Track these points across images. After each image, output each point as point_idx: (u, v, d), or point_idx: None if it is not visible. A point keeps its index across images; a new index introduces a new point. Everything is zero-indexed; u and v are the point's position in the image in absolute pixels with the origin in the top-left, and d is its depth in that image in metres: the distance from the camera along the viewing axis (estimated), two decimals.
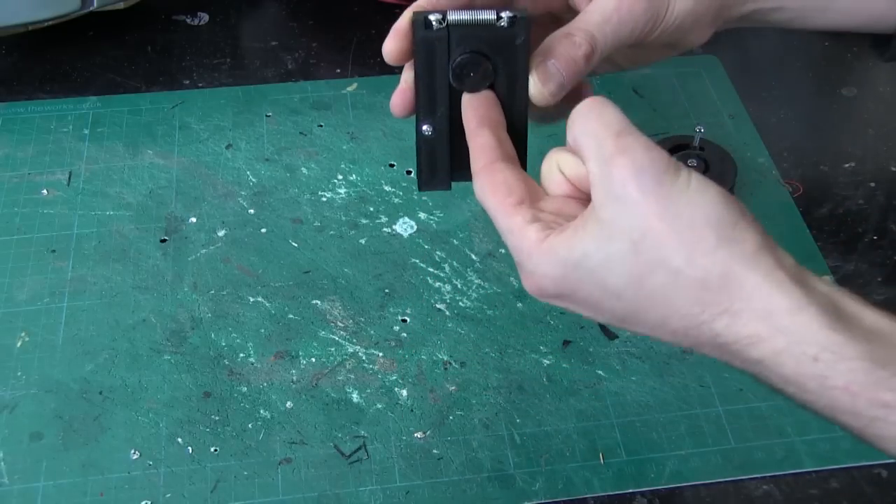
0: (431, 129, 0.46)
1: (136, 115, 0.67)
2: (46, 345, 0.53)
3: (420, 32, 0.44)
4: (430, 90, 0.45)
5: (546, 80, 0.45)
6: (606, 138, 0.38)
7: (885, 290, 0.56)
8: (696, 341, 0.36)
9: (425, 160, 0.46)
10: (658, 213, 0.36)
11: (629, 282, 0.36)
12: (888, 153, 0.65)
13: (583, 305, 0.39)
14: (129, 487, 0.47)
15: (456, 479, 0.48)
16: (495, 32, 0.45)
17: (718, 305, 0.35)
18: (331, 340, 0.54)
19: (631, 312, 0.37)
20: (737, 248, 0.35)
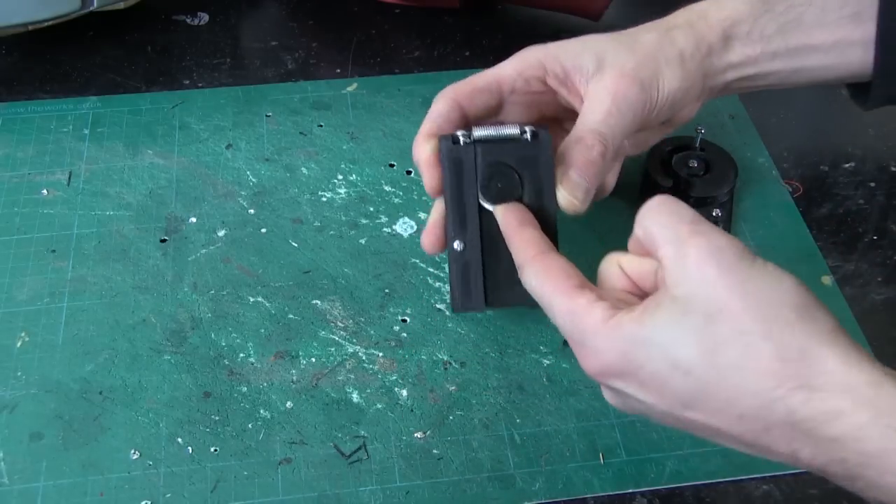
0: (463, 244, 0.46)
1: (136, 115, 0.67)
2: (46, 345, 0.53)
3: (448, 149, 0.47)
4: (460, 206, 0.47)
5: (573, 189, 0.47)
6: (681, 224, 0.38)
7: (885, 290, 0.56)
8: (765, 423, 0.35)
9: (458, 278, 0.47)
10: (736, 290, 0.36)
11: (701, 355, 0.36)
12: (888, 153, 0.65)
13: (648, 385, 0.37)
14: (129, 487, 0.47)
15: (456, 479, 0.48)
16: (519, 146, 0.47)
17: (796, 380, 0.34)
18: (331, 340, 0.54)
19: (699, 391, 0.36)
20: (815, 325, 0.35)
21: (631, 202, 0.60)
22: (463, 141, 0.47)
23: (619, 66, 0.49)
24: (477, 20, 0.75)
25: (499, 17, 0.75)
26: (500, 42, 0.73)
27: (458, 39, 0.74)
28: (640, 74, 0.48)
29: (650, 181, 0.59)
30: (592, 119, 0.48)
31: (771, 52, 0.51)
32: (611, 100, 0.48)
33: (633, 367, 0.38)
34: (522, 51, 0.51)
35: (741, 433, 0.36)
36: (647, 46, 0.49)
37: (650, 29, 0.51)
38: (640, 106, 0.49)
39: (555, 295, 0.41)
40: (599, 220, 0.59)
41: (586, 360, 0.40)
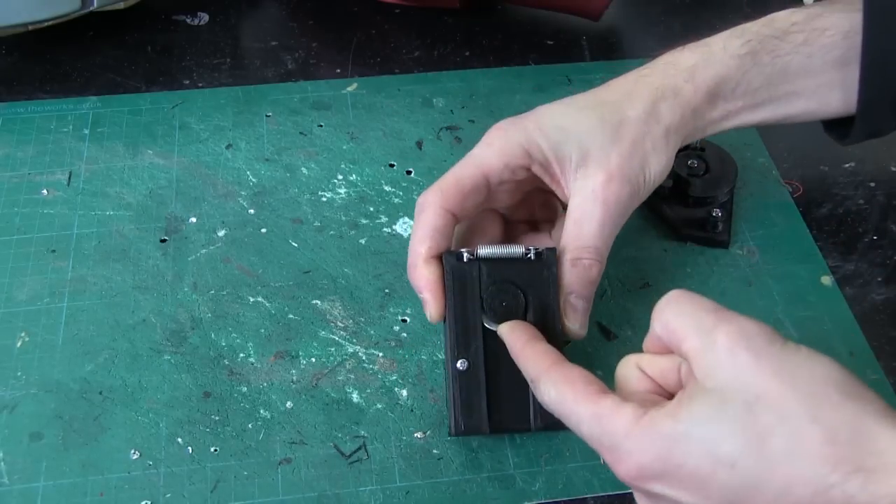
0: (467, 363, 0.46)
1: (136, 115, 0.67)
2: (46, 345, 0.53)
3: (452, 267, 0.46)
4: (464, 324, 0.46)
5: (576, 314, 0.47)
6: (706, 314, 0.37)
7: (885, 290, 0.56)
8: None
9: (461, 400, 0.46)
10: (774, 375, 0.34)
11: (746, 446, 0.34)
12: (888, 153, 0.65)
13: (689, 484, 0.35)
14: (129, 487, 0.47)
15: (456, 479, 0.48)
16: (524, 266, 0.47)
17: (851, 463, 0.32)
18: (331, 340, 0.54)
19: (747, 485, 0.34)
20: (862, 404, 0.33)
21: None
22: (467, 259, 0.46)
23: (605, 163, 0.47)
24: (477, 20, 0.75)
25: (499, 17, 0.75)
26: (500, 42, 0.73)
27: (458, 39, 0.74)
28: (627, 172, 0.47)
29: None
30: (585, 234, 0.47)
31: (754, 104, 0.51)
32: (602, 209, 0.47)
33: (672, 467, 0.35)
34: (499, 133, 0.49)
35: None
36: (632, 129, 0.48)
37: (633, 97, 0.49)
38: (630, 204, 0.48)
39: (577, 402, 0.39)
40: None
41: (620, 466, 0.37)
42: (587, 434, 0.39)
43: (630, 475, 0.37)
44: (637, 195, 0.49)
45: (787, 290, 0.56)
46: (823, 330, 0.54)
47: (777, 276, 0.57)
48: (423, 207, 0.48)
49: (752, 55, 0.50)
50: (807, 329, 0.54)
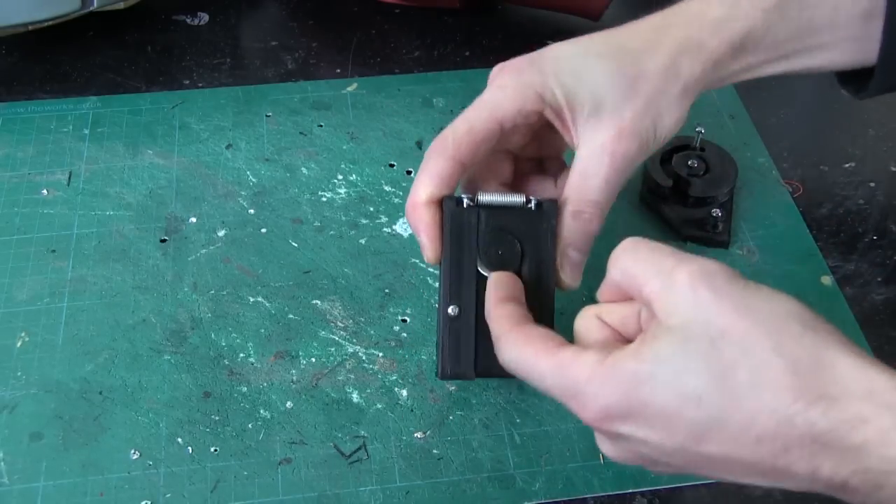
0: (458, 310, 0.45)
1: (136, 115, 0.67)
2: (46, 345, 0.53)
3: (452, 212, 0.46)
4: (458, 271, 0.46)
5: (572, 268, 0.46)
6: (664, 257, 0.37)
7: (885, 290, 0.56)
8: (784, 442, 0.33)
9: (449, 344, 0.45)
10: (735, 309, 0.35)
11: (711, 381, 0.34)
12: (888, 153, 0.65)
13: (655, 423, 0.35)
14: (129, 487, 0.47)
15: (456, 479, 0.48)
16: (524, 215, 0.46)
17: (813, 392, 0.33)
18: (331, 340, 0.54)
19: (713, 419, 0.34)
20: (823, 336, 0.34)
21: (631, 202, 0.61)
22: (467, 204, 0.46)
23: (617, 118, 0.46)
24: (477, 20, 0.75)
25: (499, 17, 0.75)
26: (500, 42, 0.73)
27: (458, 39, 0.74)
28: (638, 128, 0.46)
29: (650, 181, 0.59)
30: (590, 187, 0.46)
31: (777, 56, 0.50)
32: (608, 165, 0.46)
33: (638, 406, 0.35)
34: (512, 76, 0.47)
35: (759, 459, 0.34)
36: (649, 84, 0.47)
37: (655, 48, 0.47)
38: (637, 159, 0.47)
39: (537, 358, 0.38)
40: None
41: (586, 410, 0.37)
42: (552, 386, 0.38)
43: (596, 418, 0.36)
44: (645, 151, 0.47)
45: (787, 290, 0.56)
46: None
47: (777, 276, 0.57)
48: (432, 153, 0.47)
49: (779, 8, 0.48)
50: None
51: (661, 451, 0.36)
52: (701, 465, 0.36)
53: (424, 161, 0.47)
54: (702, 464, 0.36)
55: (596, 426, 0.37)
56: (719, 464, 0.35)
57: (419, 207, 0.46)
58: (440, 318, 0.46)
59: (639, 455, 0.38)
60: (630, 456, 0.38)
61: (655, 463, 0.38)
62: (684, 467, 0.37)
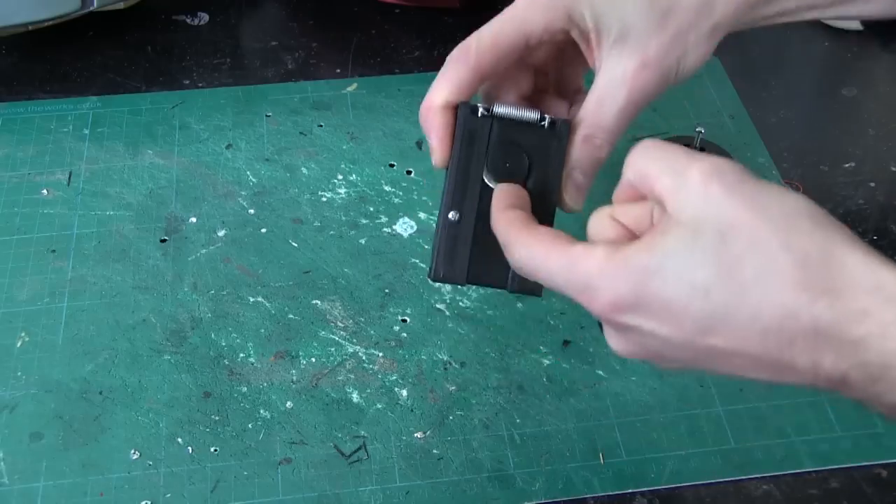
0: (458, 216, 0.45)
1: (136, 115, 0.67)
2: (46, 345, 0.53)
3: (465, 118, 0.46)
4: (464, 177, 0.46)
5: (576, 191, 0.46)
6: (678, 156, 0.37)
7: None
8: (789, 335, 0.34)
9: (445, 248, 0.45)
10: (746, 205, 0.35)
11: (720, 273, 0.34)
12: (888, 153, 0.65)
13: (664, 314, 0.36)
14: (129, 487, 0.47)
15: (456, 479, 0.48)
16: (536, 131, 0.46)
17: (819, 285, 0.33)
18: (331, 340, 0.54)
19: (720, 311, 0.34)
20: (831, 232, 0.34)
21: None
22: (482, 113, 0.46)
23: (641, 49, 0.45)
24: (477, 20, 0.75)
25: None
26: None
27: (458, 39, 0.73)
28: (662, 62, 0.46)
29: None
30: (605, 113, 0.46)
31: (811, 4, 0.48)
32: (626, 94, 0.46)
33: (647, 298, 0.36)
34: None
35: (764, 351, 0.35)
36: (680, 19, 0.46)
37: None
38: (655, 94, 0.46)
39: (548, 255, 0.39)
40: None
41: (595, 302, 0.37)
42: (562, 283, 0.38)
43: (605, 309, 0.37)
44: (665, 84, 0.47)
45: None
46: None
47: None
48: (454, 61, 0.46)
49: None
50: None
51: (668, 345, 0.37)
52: (707, 360, 0.37)
53: (445, 65, 0.47)
54: (708, 358, 0.36)
55: (605, 318, 0.38)
56: (725, 358, 0.36)
57: (434, 111, 0.46)
58: (439, 222, 0.46)
59: (647, 349, 0.38)
60: (638, 350, 0.39)
61: (663, 358, 0.38)
62: (691, 362, 0.37)
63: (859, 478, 0.48)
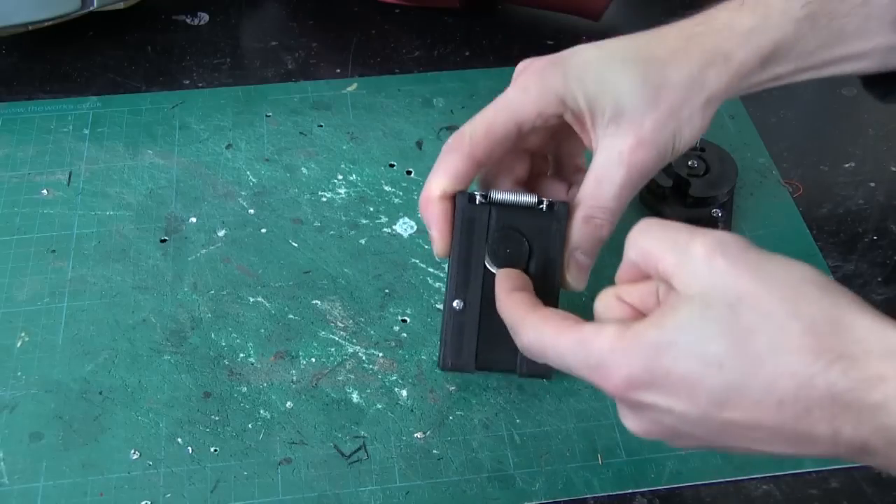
0: (463, 304, 0.46)
1: (136, 115, 0.67)
2: (46, 345, 0.53)
3: (463, 207, 0.47)
4: (466, 266, 0.47)
5: (579, 271, 0.47)
6: (678, 233, 0.38)
7: (885, 290, 0.56)
8: (805, 404, 0.33)
9: (452, 337, 0.46)
10: (752, 276, 0.35)
11: (731, 347, 0.34)
12: (888, 153, 0.65)
13: (679, 390, 0.35)
14: (129, 487, 0.47)
15: (456, 479, 0.48)
16: (535, 215, 0.47)
17: (832, 352, 0.33)
18: (331, 340, 0.54)
19: (735, 383, 0.34)
20: (839, 298, 0.35)
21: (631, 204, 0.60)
22: (479, 201, 0.47)
23: (637, 127, 0.46)
24: (477, 20, 0.75)
25: (499, 17, 0.75)
26: (500, 42, 0.73)
27: (458, 39, 0.74)
28: (658, 139, 0.46)
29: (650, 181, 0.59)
30: (604, 194, 0.46)
31: (807, 66, 0.49)
32: (625, 173, 0.46)
33: (661, 374, 0.36)
34: (534, 79, 0.47)
35: (782, 423, 0.34)
36: (673, 95, 0.46)
37: (682, 58, 0.47)
38: (653, 170, 0.47)
39: (558, 335, 0.39)
40: None
41: (609, 381, 0.37)
42: (573, 363, 0.38)
43: (619, 388, 0.37)
44: (663, 160, 0.47)
45: None
46: None
47: None
48: (449, 151, 0.47)
49: (810, 18, 0.47)
50: None
51: (684, 421, 0.36)
52: (724, 435, 0.36)
53: (441, 156, 0.47)
54: (725, 433, 0.36)
55: (619, 396, 0.37)
56: (742, 431, 0.35)
57: (432, 202, 0.47)
58: (445, 311, 0.47)
59: (662, 426, 0.38)
60: (654, 428, 0.38)
61: (679, 435, 0.38)
62: (707, 438, 0.37)
63: (859, 478, 0.48)
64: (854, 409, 0.33)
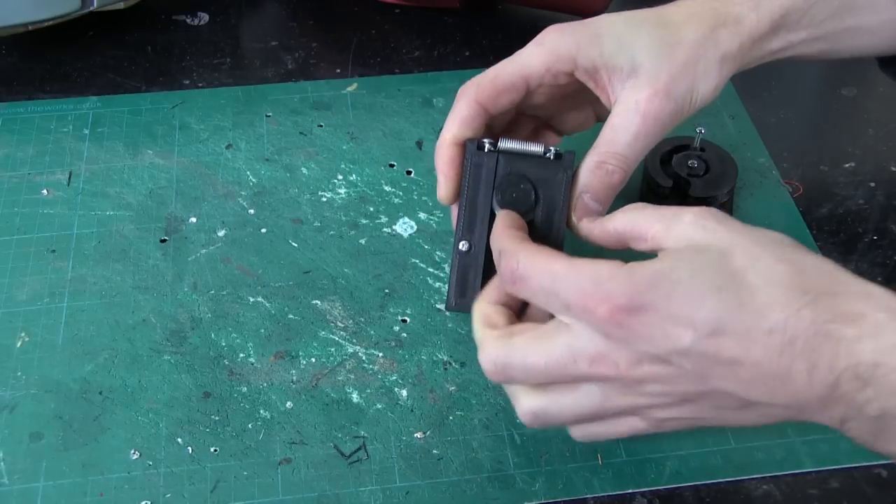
0: (469, 246, 0.47)
1: (136, 115, 0.67)
2: (46, 345, 0.53)
3: (472, 154, 0.48)
4: (473, 209, 0.48)
5: (584, 213, 0.47)
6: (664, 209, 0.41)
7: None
8: (792, 333, 0.35)
9: (458, 278, 0.47)
10: (739, 232, 0.39)
11: (727, 279, 0.37)
12: (888, 153, 0.65)
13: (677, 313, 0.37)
14: (129, 487, 0.47)
15: (456, 479, 0.48)
16: (541, 163, 0.48)
17: (817, 289, 0.36)
18: (331, 340, 0.54)
19: (730, 308, 0.36)
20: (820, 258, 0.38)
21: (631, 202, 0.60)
22: (488, 149, 0.48)
23: (654, 77, 0.47)
24: (477, 20, 0.75)
25: (499, 17, 0.75)
26: (500, 42, 0.73)
27: (458, 39, 0.74)
28: (675, 90, 0.47)
29: (650, 181, 0.59)
30: (619, 140, 0.47)
31: (817, 35, 0.50)
32: (640, 120, 0.47)
33: (661, 296, 0.37)
34: (552, 35, 0.49)
35: (766, 355, 0.36)
36: (687, 50, 0.48)
37: (695, 20, 0.49)
38: (670, 123, 0.48)
39: (551, 260, 0.40)
40: None
41: (606, 302, 0.38)
42: (565, 286, 0.39)
43: (615, 311, 0.37)
44: (679, 115, 0.48)
45: None
46: None
47: None
48: (459, 97, 0.49)
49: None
50: None
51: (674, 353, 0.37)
52: (710, 374, 0.37)
53: (453, 105, 0.50)
54: (711, 371, 0.37)
55: (614, 321, 0.38)
56: (728, 368, 0.37)
57: (442, 147, 0.49)
58: (453, 254, 0.48)
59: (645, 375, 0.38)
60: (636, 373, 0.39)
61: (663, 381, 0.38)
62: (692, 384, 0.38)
63: (859, 478, 0.48)
64: (833, 340, 0.35)
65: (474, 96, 0.49)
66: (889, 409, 0.34)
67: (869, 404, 0.35)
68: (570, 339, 0.39)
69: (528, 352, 0.40)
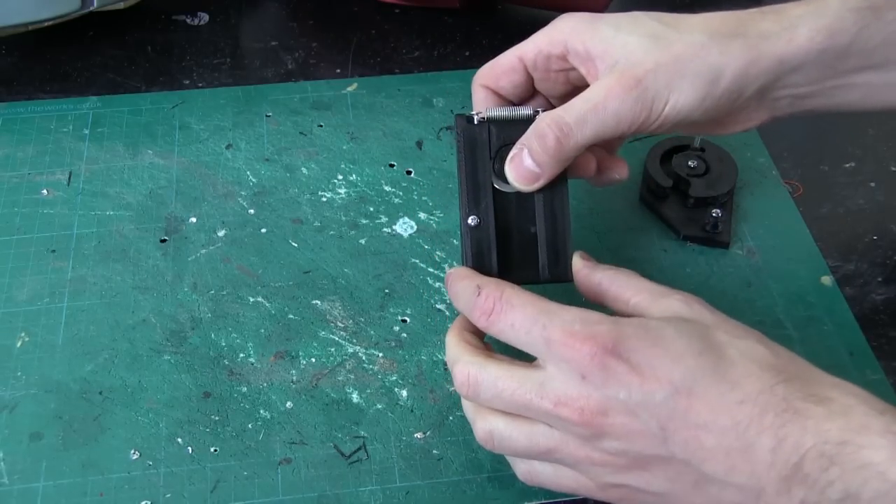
0: (478, 220, 0.47)
1: (136, 115, 0.67)
2: (46, 345, 0.53)
3: (463, 128, 0.48)
4: (475, 183, 0.48)
5: (517, 169, 0.47)
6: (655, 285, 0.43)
7: (885, 290, 0.56)
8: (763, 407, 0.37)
9: (474, 251, 0.47)
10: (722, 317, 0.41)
11: (707, 347, 0.39)
12: (888, 153, 0.65)
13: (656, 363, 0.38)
14: (129, 487, 0.47)
15: (456, 479, 0.48)
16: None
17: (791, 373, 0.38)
18: (331, 340, 0.54)
19: (707, 371, 0.38)
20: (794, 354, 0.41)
21: (631, 202, 0.61)
22: (477, 120, 0.48)
23: (631, 67, 0.45)
24: (477, 20, 0.75)
25: (499, 17, 0.75)
26: (500, 42, 0.73)
27: (458, 39, 0.74)
28: (647, 84, 0.44)
29: (650, 181, 0.59)
30: (572, 108, 0.46)
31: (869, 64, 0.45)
32: (602, 98, 0.45)
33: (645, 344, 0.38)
34: (556, 20, 0.48)
35: (733, 424, 0.37)
36: (678, 53, 0.45)
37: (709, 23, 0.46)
38: (630, 116, 0.45)
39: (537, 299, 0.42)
40: (599, 220, 0.59)
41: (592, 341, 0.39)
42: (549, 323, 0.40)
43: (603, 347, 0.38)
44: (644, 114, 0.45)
45: (787, 291, 0.56)
46: (823, 330, 0.54)
47: (777, 277, 0.57)
48: (472, 87, 0.52)
49: (873, 10, 0.44)
50: (807, 329, 0.54)
51: (645, 404, 0.38)
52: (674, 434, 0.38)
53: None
54: (677, 431, 0.38)
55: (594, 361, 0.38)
56: (694, 432, 0.37)
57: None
58: (462, 228, 0.48)
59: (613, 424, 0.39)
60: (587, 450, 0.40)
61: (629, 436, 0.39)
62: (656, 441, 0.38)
63: None
64: (802, 418, 0.36)
65: (479, 80, 0.51)
66: (852, 490, 0.34)
67: (831, 486, 0.34)
68: (543, 377, 0.40)
69: (500, 375, 0.41)
